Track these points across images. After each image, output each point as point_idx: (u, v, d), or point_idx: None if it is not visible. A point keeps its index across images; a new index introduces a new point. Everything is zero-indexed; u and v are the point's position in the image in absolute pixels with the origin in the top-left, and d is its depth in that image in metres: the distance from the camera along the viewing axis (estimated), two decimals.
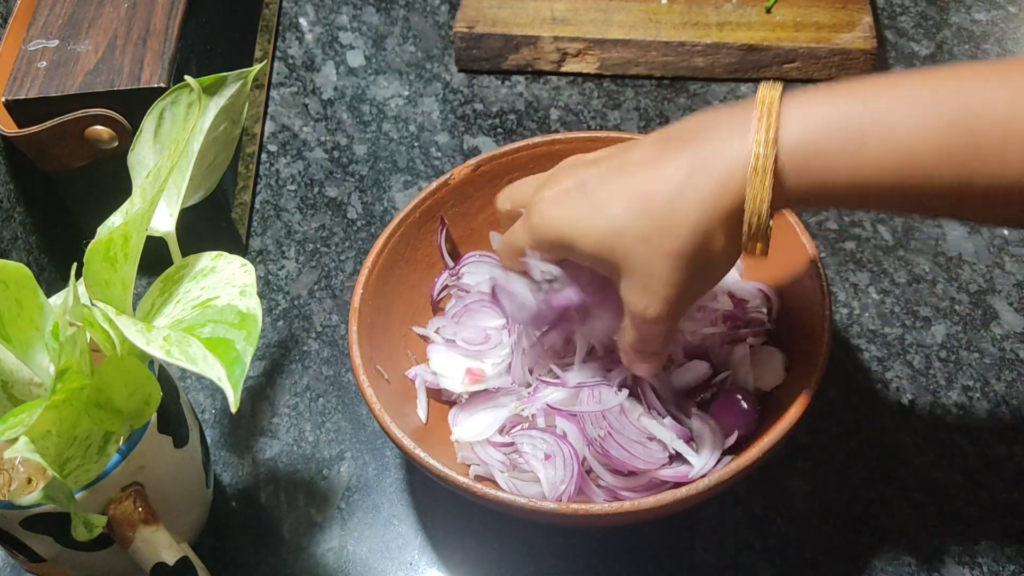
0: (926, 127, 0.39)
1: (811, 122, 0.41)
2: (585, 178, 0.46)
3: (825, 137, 0.40)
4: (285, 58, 0.84)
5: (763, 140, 0.40)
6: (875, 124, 0.40)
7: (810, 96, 0.42)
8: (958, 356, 0.63)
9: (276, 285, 0.70)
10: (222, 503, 0.60)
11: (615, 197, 0.44)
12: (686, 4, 0.80)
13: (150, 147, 0.52)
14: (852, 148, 0.40)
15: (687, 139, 0.43)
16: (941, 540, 0.56)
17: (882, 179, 0.40)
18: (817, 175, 0.41)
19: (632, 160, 0.45)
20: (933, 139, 0.39)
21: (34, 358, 0.47)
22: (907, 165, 0.39)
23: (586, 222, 0.45)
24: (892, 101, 0.40)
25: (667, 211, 0.43)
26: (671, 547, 0.57)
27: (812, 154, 0.41)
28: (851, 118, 0.40)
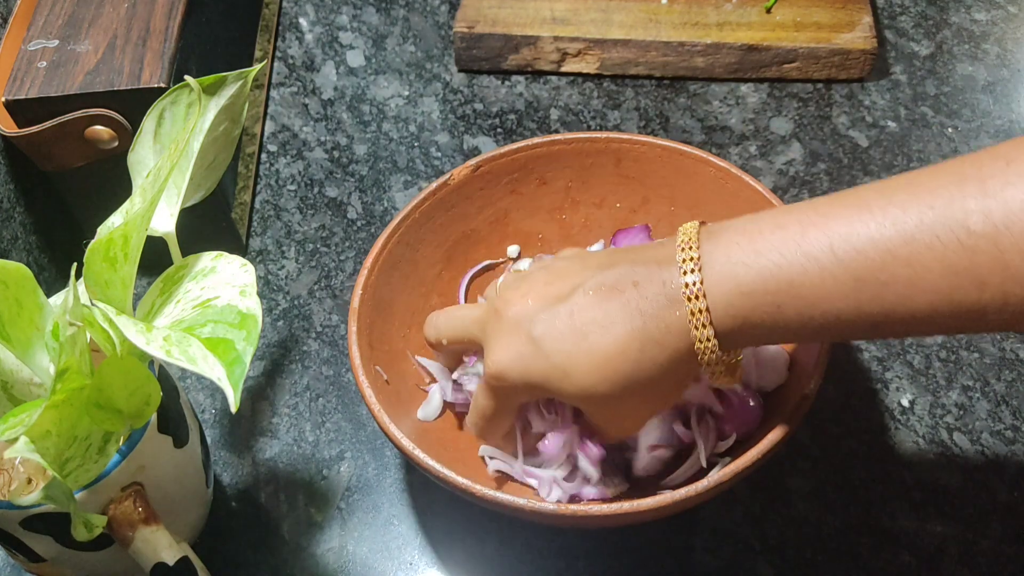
0: (834, 288, 0.42)
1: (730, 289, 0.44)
2: (536, 334, 0.48)
3: (748, 303, 0.44)
4: (285, 58, 0.84)
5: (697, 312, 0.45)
6: (788, 290, 0.43)
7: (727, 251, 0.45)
8: (958, 356, 0.63)
9: (276, 285, 0.70)
10: (222, 503, 0.60)
11: (575, 361, 0.47)
12: (686, 4, 0.80)
13: (150, 147, 0.52)
14: (772, 312, 0.43)
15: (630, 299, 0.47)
16: (941, 540, 0.56)
17: (806, 332, 0.44)
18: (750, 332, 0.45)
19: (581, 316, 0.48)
20: (843, 299, 0.42)
21: (34, 358, 0.47)
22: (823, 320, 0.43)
23: (553, 381, 0.48)
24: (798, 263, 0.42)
25: (630, 375, 0.47)
26: (671, 547, 0.57)
27: (740, 317, 0.44)
28: (764, 286, 0.43)
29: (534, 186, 0.64)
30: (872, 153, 0.74)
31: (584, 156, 0.63)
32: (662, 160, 0.62)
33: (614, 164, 0.63)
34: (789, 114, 0.77)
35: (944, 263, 0.39)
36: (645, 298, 0.46)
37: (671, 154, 0.61)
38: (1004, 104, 0.77)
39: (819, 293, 0.42)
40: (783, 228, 0.43)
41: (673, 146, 0.61)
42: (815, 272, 0.42)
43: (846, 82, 0.79)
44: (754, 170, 0.74)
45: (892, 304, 0.41)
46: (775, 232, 0.43)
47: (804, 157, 0.74)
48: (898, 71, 0.79)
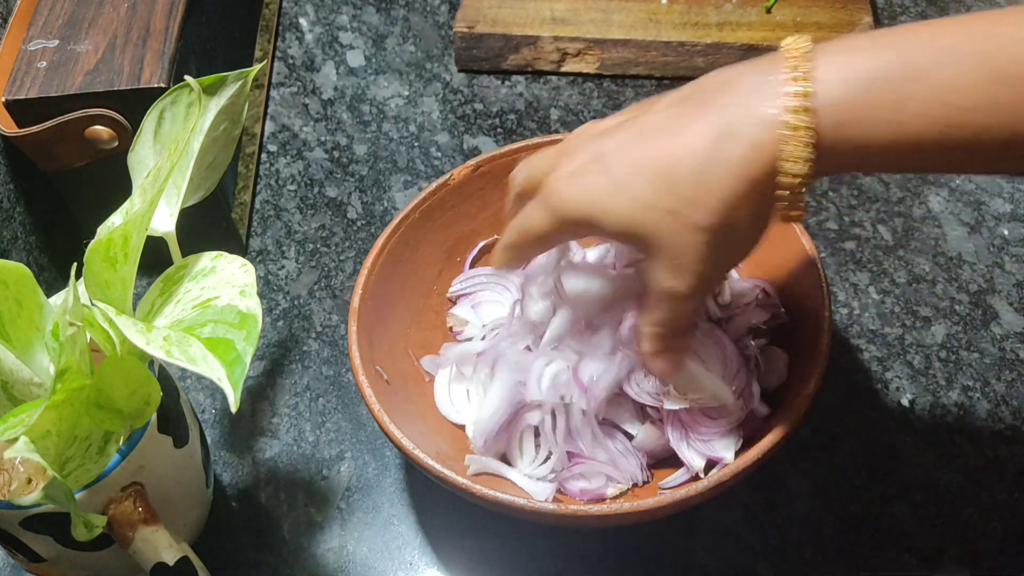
0: (971, 82, 0.37)
1: (847, 78, 0.38)
2: (602, 150, 0.43)
3: (864, 94, 0.38)
4: (285, 58, 0.84)
5: (796, 100, 0.38)
6: (916, 80, 0.37)
7: (843, 48, 0.39)
8: (958, 356, 0.63)
9: (276, 285, 0.70)
10: (222, 503, 0.60)
11: (637, 170, 0.41)
12: (686, 4, 0.80)
13: (150, 147, 0.52)
14: (894, 106, 0.38)
15: (709, 99, 0.41)
16: (941, 540, 0.56)
17: (925, 138, 0.38)
18: (857, 136, 0.39)
19: (650, 126, 0.42)
20: (978, 94, 0.37)
21: (34, 358, 0.47)
22: (952, 122, 0.37)
23: (609, 199, 0.42)
24: (933, 55, 0.38)
25: (694, 184, 0.40)
26: (671, 547, 0.57)
27: (852, 113, 0.38)
28: (890, 74, 0.38)
29: None
30: None
31: None
32: None
33: None
34: None
35: None
36: (731, 93, 0.40)
37: None
38: None
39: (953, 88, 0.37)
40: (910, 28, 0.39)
41: None
42: (950, 64, 0.37)
43: None
44: None
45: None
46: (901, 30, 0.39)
47: None
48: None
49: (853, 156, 0.39)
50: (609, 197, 0.42)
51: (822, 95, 0.38)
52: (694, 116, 0.41)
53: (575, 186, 0.44)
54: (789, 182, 0.39)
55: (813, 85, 0.38)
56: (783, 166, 0.39)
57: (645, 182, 0.41)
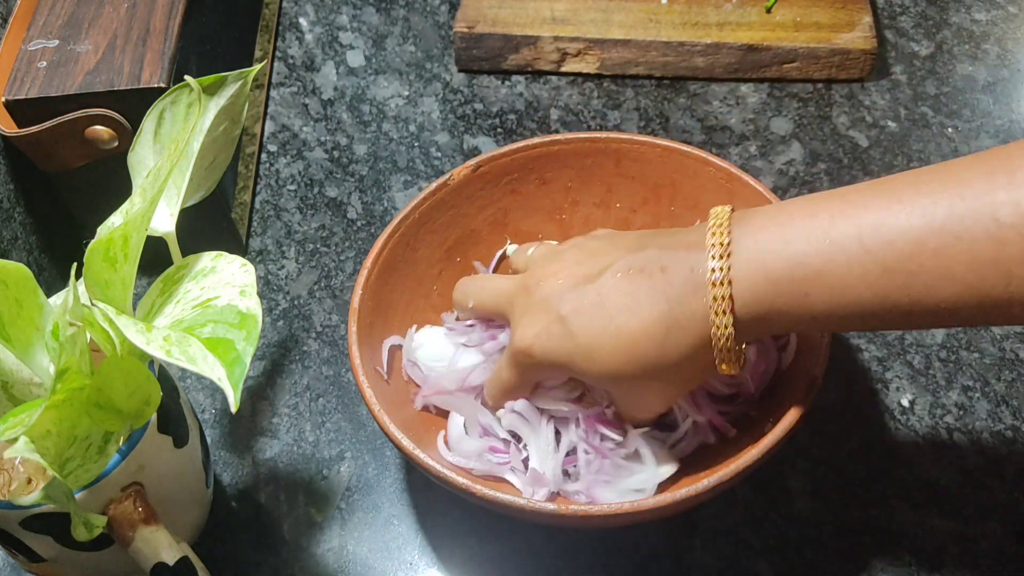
0: (860, 278, 0.42)
1: (758, 281, 0.45)
2: (564, 313, 0.49)
3: (773, 291, 0.44)
4: (285, 58, 0.84)
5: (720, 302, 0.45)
6: (814, 279, 0.43)
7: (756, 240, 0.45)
8: (958, 356, 0.63)
9: (276, 285, 0.70)
10: (222, 503, 0.60)
11: (601, 343, 0.48)
12: (686, 4, 0.80)
13: (150, 147, 0.52)
14: (799, 299, 0.44)
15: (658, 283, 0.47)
16: (941, 540, 0.56)
17: (831, 321, 0.44)
18: (772, 322, 0.45)
19: (610, 300, 0.48)
20: (866, 287, 0.42)
21: (34, 358, 0.47)
22: (849, 309, 0.43)
23: (579, 361, 0.49)
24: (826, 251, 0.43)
25: (655, 361, 0.48)
26: (671, 547, 0.57)
27: (764, 309, 0.45)
28: (793, 274, 0.44)
29: (534, 186, 0.64)
30: (872, 153, 0.74)
31: (584, 156, 0.63)
32: (662, 160, 0.62)
33: (614, 164, 0.63)
34: (789, 114, 0.77)
35: (972, 254, 0.40)
36: (672, 283, 0.47)
37: (671, 154, 0.61)
38: (1004, 104, 0.77)
39: (846, 282, 0.42)
40: (813, 216, 0.44)
41: (673, 146, 0.61)
42: (843, 261, 0.42)
43: (846, 82, 0.79)
44: (754, 170, 0.74)
45: (919, 294, 0.41)
46: (805, 220, 0.44)
47: (804, 157, 0.74)
48: (898, 71, 0.79)
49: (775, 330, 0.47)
50: (581, 362, 0.49)
51: (738, 296, 0.45)
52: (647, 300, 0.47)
53: (546, 347, 0.50)
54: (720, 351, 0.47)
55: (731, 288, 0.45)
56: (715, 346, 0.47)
57: (611, 355, 0.48)
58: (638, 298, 0.48)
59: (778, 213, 0.45)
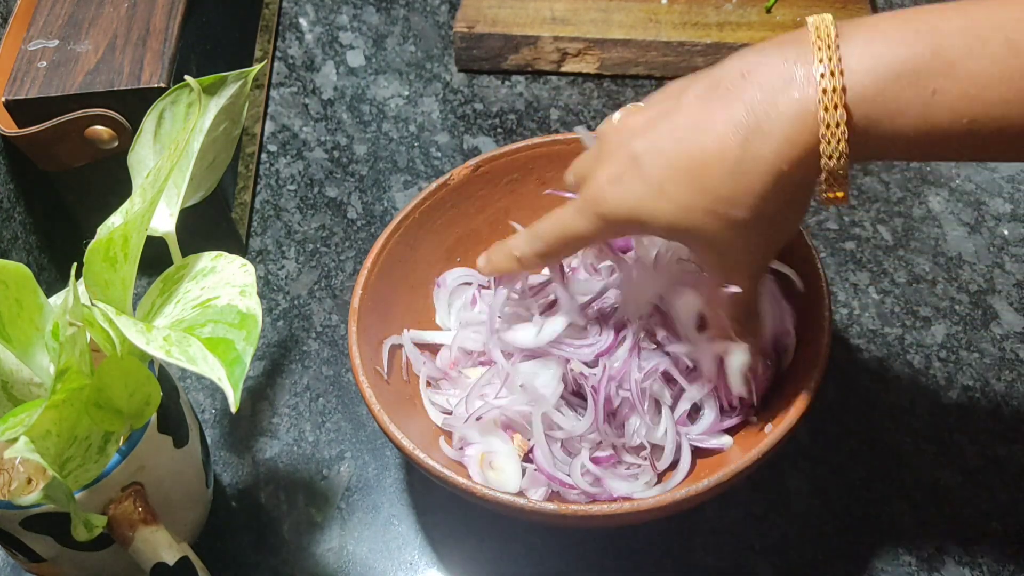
0: (1001, 75, 0.37)
1: (877, 70, 0.38)
2: (637, 152, 0.44)
3: (895, 88, 0.38)
4: (285, 58, 0.84)
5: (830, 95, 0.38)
6: (944, 74, 0.38)
7: (870, 35, 0.39)
8: (958, 356, 0.63)
9: (276, 285, 0.70)
10: (222, 503, 0.60)
11: (673, 173, 0.42)
12: (686, 4, 0.80)
13: (150, 147, 0.52)
14: (924, 99, 0.38)
15: (736, 90, 0.41)
16: (941, 540, 0.56)
17: (956, 129, 0.38)
18: (889, 128, 0.39)
19: (680, 124, 0.43)
20: (1008, 87, 0.37)
21: (34, 358, 0.47)
22: (982, 114, 0.38)
23: (650, 203, 0.43)
24: (962, 43, 0.38)
25: (729, 183, 0.41)
26: (671, 547, 0.57)
27: (883, 107, 0.39)
28: (920, 66, 0.38)
29: (534, 186, 0.64)
30: None
31: None
32: None
33: None
34: None
35: None
36: (754, 84, 0.40)
37: None
38: None
39: (985, 79, 0.37)
40: (941, 12, 0.39)
41: None
42: (980, 56, 0.37)
43: None
44: None
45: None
46: (930, 15, 0.39)
47: None
48: None
49: (885, 145, 0.40)
50: (651, 202, 0.43)
51: (852, 89, 0.38)
52: (722, 110, 0.41)
53: (616, 192, 0.45)
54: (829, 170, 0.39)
55: (843, 79, 0.38)
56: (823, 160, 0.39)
57: (682, 186, 0.42)
58: (711, 111, 0.41)
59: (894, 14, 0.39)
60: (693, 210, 0.42)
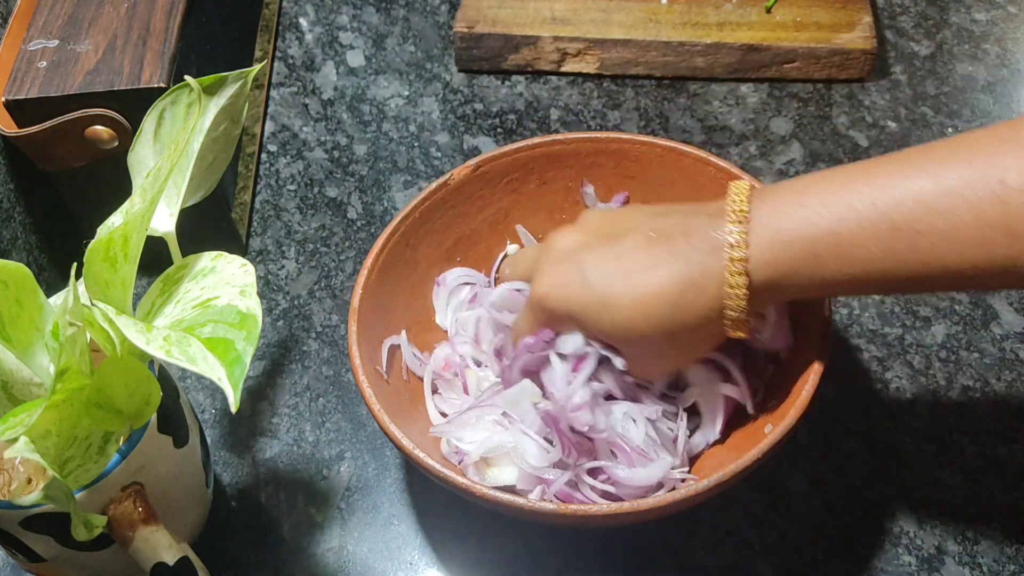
0: (871, 236, 0.44)
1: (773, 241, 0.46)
2: (585, 266, 0.51)
3: (786, 259, 0.46)
4: (285, 58, 0.84)
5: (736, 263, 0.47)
6: (827, 242, 0.45)
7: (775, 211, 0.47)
8: (958, 356, 0.63)
9: (276, 285, 0.70)
10: (222, 503, 0.60)
11: (618, 296, 0.50)
12: (686, 4, 0.80)
13: (150, 147, 0.52)
14: (811, 262, 0.46)
15: (679, 247, 0.49)
16: (941, 540, 0.56)
17: (841, 283, 0.46)
18: (785, 286, 0.47)
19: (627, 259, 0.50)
20: (879, 246, 0.44)
21: (34, 358, 0.47)
22: (860, 269, 0.45)
23: (592, 312, 0.51)
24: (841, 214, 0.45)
25: (667, 319, 0.49)
26: (671, 547, 0.57)
27: (777, 272, 0.47)
28: (807, 236, 0.46)
29: (534, 186, 0.64)
30: (872, 153, 0.74)
31: (584, 156, 0.63)
32: (662, 160, 0.62)
33: (614, 164, 0.63)
34: (789, 114, 0.77)
35: (978, 215, 0.42)
36: (692, 247, 0.49)
37: (671, 154, 0.61)
38: (1004, 104, 0.77)
39: (857, 242, 0.44)
40: (827, 182, 0.46)
41: (673, 146, 0.61)
42: (854, 221, 0.44)
43: (846, 82, 0.79)
44: (754, 170, 0.74)
45: (927, 254, 0.43)
46: (819, 185, 0.46)
47: (804, 157, 0.74)
48: (898, 71, 0.79)
49: (786, 296, 0.49)
50: (594, 312, 0.51)
51: (754, 260, 0.47)
52: (666, 261, 0.49)
53: (563, 296, 0.52)
54: (731, 316, 0.49)
55: (748, 250, 0.47)
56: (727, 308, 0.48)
57: (625, 310, 0.50)
58: (657, 257, 0.49)
59: (795, 183, 0.47)
60: (632, 330, 0.50)
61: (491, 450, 0.54)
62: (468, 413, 0.55)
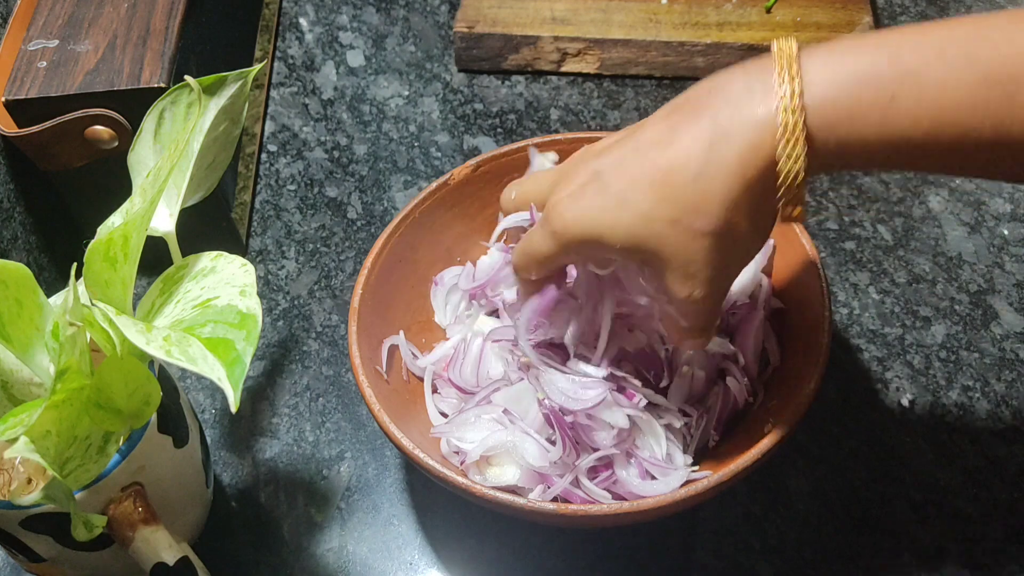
0: (959, 81, 0.37)
1: (836, 78, 0.39)
2: (600, 168, 0.44)
3: (853, 93, 0.38)
4: (285, 58, 0.84)
5: (788, 99, 0.39)
6: (905, 79, 0.38)
7: (831, 50, 0.39)
8: (958, 356, 0.63)
9: (276, 285, 0.70)
10: (222, 503, 0.60)
11: (635, 184, 0.42)
12: (686, 4, 0.80)
13: (150, 147, 0.52)
14: (883, 104, 0.38)
15: (700, 106, 0.41)
16: (941, 540, 0.56)
17: (915, 135, 0.38)
18: (848, 133, 0.39)
19: (645, 140, 0.43)
20: (967, 93, 0.37)
21: (34, 358, 0.47)
22: (941, 120, 0.38)
23: (610, 216, 0.43)
24: (921, 55, 0.38)
25: (692, 191, 0.40)
26: (671, 547, 0.57)
27: (841, 111, 0.39)
28: (879, 73, 0.38)
29: None
30: None
31: None
32: None
33: None
34: None
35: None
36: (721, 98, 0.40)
37: None
38: None
39: (943, 87, 0.37)
40: (899, 31, 0.39)
41: None
42: (938, 64, 0.38)
43: None
44: None
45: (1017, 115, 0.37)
46: (891, 32, 0.39)
47: None
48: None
49: (847, 152, 0.40)
50: (611, 214, 0.43)
51: (812, 94, 0.38)
52: (686, 124, 0.41)
53: (575, 207, 0.44)
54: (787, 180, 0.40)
55: (803, 85, 0.38)
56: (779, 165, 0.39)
57: (644, 195, 0.41)
58: (676, 124, 0.41)
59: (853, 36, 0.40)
60: (655, 220, 0.42)
61: (491, 449, 0.54)
62: (468, 412, 0.55)
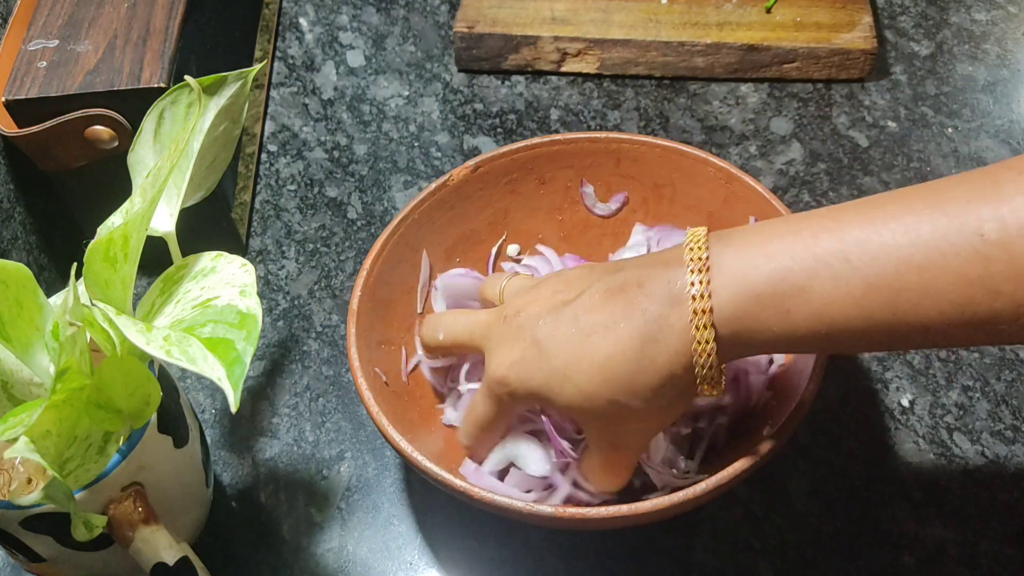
0: (845, 295, 0.41)
1: (738, 294, 0.43)
2: (539, 337, 0.48)
3: (754, 307, 0.43)
4: (285, 58, 0.84)
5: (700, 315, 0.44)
6: (796, 296, 0.42)
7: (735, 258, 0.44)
8: (958, 356, 0.63)
9: (276, 285, 0.70)
10: (222, 503, 0.60)
11: (578, 363, 0.47)
12: (686, 4, 0.80)
13: (150, 147, 0.52)
14: (779, 319, 0.43)
15: (634, 301, 0.46)
16: (941, 540, 0.56)
17: (810, 341, 0.43)
18: (751, 339, 0.44)
19: (583, 321, 0.47)
20: (854, 305, 0.41)
21: (34, 358, 0.47)
22: (832, 329, 0.42)
23: (556, 385, 0.48)
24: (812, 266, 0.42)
25: (629, 380, 0.46)
26: (671, 547, 0.57)
27: (743, 324, 0.44)
28: (775, 289, 0.42)
29: (534, 186, 0.64)
30: (872, 153, 0.74)
31: (584, 156, 0.63)
32: (662, 160, 0.62)
33: (614, 164, 0.63)
34: (789, 114, 0.77)
35: (957, 271, 0.39)
36: (648, 297, 0.46)
37: (671, 154, 0.61)
38: (1004, 104, 0.77)
39: (830, 298, 0.41)
40: (795, 233, 0.43)
41: (673, 146, 0.61)
42: (827, 276, 0.41)
43: (846, 82, 0.79)
44: (754, 170, 0.74)
45: (904, 313, 0.40)
46: (787, 237, 0.43)
47: (804, 157, 0.74)
48: (898, 71, 0.79)
49: (754, 350, 0.45)
50: (556, 384, 0.48)
51: (719, 310, 0.44)
52: (624, 316, 0.46)
53: (521, 375, 0.49)
54: (701, 371, 0.45)
55: (710, 301, 0.44)
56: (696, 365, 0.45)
57: (587, 376, 0.47)
58: (614, 315, 0.46)
59: (758, 231, 0.44)
60: (596, 397, 0.47)
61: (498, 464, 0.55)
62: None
